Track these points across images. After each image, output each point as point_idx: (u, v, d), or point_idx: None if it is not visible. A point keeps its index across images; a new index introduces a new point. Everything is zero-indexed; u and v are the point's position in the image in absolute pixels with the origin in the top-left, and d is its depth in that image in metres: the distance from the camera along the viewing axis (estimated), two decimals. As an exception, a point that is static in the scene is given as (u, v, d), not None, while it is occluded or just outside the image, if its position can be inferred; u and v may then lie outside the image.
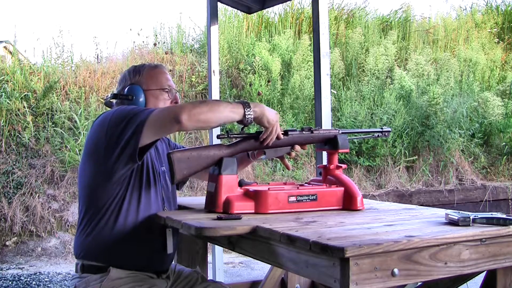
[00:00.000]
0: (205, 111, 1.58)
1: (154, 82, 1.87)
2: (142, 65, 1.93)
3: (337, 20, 8.47)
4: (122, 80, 1.91)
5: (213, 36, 3.14)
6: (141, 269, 1.73)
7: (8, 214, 5.06)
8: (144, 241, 1.72)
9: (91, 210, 1.71)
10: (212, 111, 1.60)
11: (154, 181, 1.79)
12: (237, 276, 4.49)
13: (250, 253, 1.53)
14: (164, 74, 1.91)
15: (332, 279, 1.18)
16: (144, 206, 1.73)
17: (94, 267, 1.69)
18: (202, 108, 1.58)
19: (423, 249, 1.25)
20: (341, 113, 6.68)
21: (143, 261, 1.73)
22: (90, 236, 1.70)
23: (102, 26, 17.09)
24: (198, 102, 1.64)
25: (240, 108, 1.65)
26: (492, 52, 8.51)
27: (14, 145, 5.64)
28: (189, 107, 1.58)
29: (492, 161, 6.97)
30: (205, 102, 1.64)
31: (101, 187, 1.69)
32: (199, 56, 7.47)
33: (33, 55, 11.69)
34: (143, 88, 1.85)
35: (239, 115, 1.65)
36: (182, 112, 1.56)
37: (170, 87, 1.89)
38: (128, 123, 1.62)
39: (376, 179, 6.37)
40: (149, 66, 1.91)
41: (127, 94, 1.84)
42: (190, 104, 1.60)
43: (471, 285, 1.78)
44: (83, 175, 1.75)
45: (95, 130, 1.73)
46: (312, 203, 1.75)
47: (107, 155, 1.66)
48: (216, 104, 1.63)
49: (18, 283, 4.23)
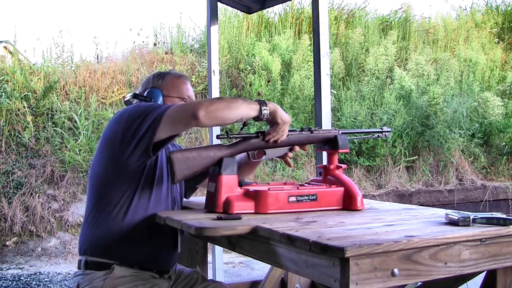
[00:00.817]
0: (222, 108, 1.61)
1: (175, 90, 1.92)
2: (168, 72, 1.98)
3: (337, 20, 8.47)
4: (146, 83, 1.96)
5: (213, 36, 3.14)
6: (146, 268, 1.73)
7: (8, 214, 5.06)
8: (152, 239, 1.73)
9: (100, 203, 1.71)
10: (229, 107, 1.62)
11: (167, 179, 1.80)
12: (237, 276, 4.49)
13: (250, 253, 1.53)
14: (186, 84, 1.95)
15: (332, 279, 1.18)
16: (154, 203, 1.74)
17: (98, 264, 1.68)
18: (219, 105, 1.61)
19: (423, 249, 1.25)
20: (341, 113, 6.68)
21: (149, 259, 1.73)
22: (97, 230, 1.70)
23: (102, 26, 17.10)
24: (215, 99, 1.67)
25: (256, 104, 1.68)
26: (492, 52, 8.51)
27: (14, 145, 5.64)
28: (206, 103, 1.60)
29: (492, 161, 6.97)
30: (221, 99, 1.66)
31: (113, 180, 1.70)
32: (199, 56, 7.47)
33: (33, 55, 11.72)
34: (163, 93, 1.89)
35: (256, 111, 1.67)
36: (200, 108, 1.58)
37: (189, 97, 1.93)
38: (146, 117, 1.65)
39: (376, 179, 6.37)
40: (174, 75, 1.96)
41: (146, 95, 1.88)
42: (207, 100, 1.63)
43: (471, 285, 1.78)
44: (96, 168, 1.76)
45: (111, 125, 1.75)
46: (312, 203, 1.75)
47: (122, 148, 1.67)
48: (233, 101, 1.65)
49: (18, 283, 4.23)
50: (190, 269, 1.96)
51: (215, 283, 1.89)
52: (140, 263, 1.71)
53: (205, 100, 1.65)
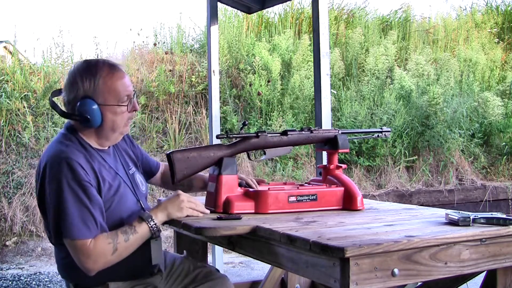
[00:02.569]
0: (115, 259, 1.55)
1: (111, 94, 1.64)
2: (96, 67, 1.66)
3: (337, 20, 8.47)
4: (72, 86, 1.65)
5: (213, 36, 3.14)
6: (135, 277, 1.70)
7: (8, 214, 5.06)
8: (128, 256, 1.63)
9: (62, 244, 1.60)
10: (121, 255, 1.56)
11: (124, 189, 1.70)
12: (237, 276, 4.49)
13: (250, 253, 1.53)
14: (122, 79, 1.67)
15: (332, 279, 1.18)
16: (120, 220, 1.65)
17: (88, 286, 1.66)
18: (113, 260, 1.55)
19: (423, 249, 1.25)
20: (341, 113, 6.68)
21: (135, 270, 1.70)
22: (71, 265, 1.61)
23: (102, 26, 17.10)
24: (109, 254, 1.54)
25: (145, 227, 1.59)
26: (492, 52, 8.50)
27: (14, 145, 5.64)
28: (100, 265, 1.53)
29: (492, 161, 6.97)
30: (114, 253, 1.54)
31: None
32: (199, 56, 7.47)
33: (33, 55, 11.71)
34: (99, 102, 1.63)
35: (147, 234, 1.60)
36: (93, 271, 1.54)
37: (128, 96, 1.68)
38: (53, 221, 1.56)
39: (376, 179, 6.37)
40: (105, 72, 1.65)
41: (79, 113, 1.63)
42: (102, 260, 1.53)
43: (471, 285, 1.78)
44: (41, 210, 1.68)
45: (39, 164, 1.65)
46: (312, 203, 1.75)
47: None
48: (123, 248, 1.56)
49: (18, 283, 4.22)
50: (180, 256, 1.93)
51: (205, 267, 1.86)
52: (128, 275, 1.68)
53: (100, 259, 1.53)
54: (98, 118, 1.63)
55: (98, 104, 1.63)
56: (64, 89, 1.70)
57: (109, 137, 1.70)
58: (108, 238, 1.55)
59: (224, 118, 6.32)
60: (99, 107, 1.63)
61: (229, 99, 6.64)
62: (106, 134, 1.69)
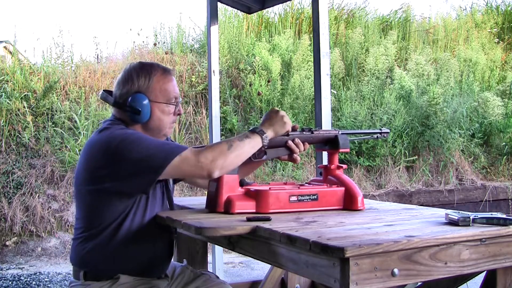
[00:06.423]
0: (233, 158, 1.63)
1: (162, 93, 1.74)
2: (151, 67, 1.76)
3: (337, 20, 8.47)
4: (127, 81, 1.74)
5: (213, 36, 3.14)
6: (145, 275, 1.72)
7: (8, 214, 5.06)
8: (151, 247, 1.71)
9: (90, 227, 1.66)
10: (239, 156, 1.65)
11: (161, 187, 1.76)
12: (237, 276, 4.49)
13: (250, 253, 1.53)
14: (172, 82, 1.78)
15: (332, 279, 1.19)
16: (149, 215, 1.70)
17: (99, 275, 1.67)
18: (231, 158, 1.63)
19: (423, 249, 1.25)
20: (341, 113, 6.68)
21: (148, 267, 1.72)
22: (90, 253, 1.66)
23: (102, 26, 17.07)
24: (225, 149, 1.63)
25: (258, 137, 1.71)
26: (492, 52, 8.51)
27: (14, 145, 5.64)
28: (220, 161, 1.60)
29: (492, 161, 6.97)
30: (230, 148, 1.63)
31: (100, 209, 1.64)
32: (199, 56, 7.47)
33: (33, 55, 11.69)
34: (150, 99, 1.72)
35: (259, 144, 1.72)
36: (215, 169, 1.60)
37: (176, 98, 1.78)
38: (143, 167, 1.57)
39: (376, 179, 6.37)
40: (159, 73, 1.75)
41: (130, 105, 1.70)
42: (220, 156, 1.61)
43: (471, 285, 1.78)
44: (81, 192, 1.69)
45: (93, 153, 1.65)
46: (313, 203, 1.75)
47: (112, 185, 1.60)
48: (239, 147, 1.66)
49: (18, 283, 4.23)
50: (180, 264, 1.96)
51: (204, 274, 1.89)
52: (141, 271, 1.70)
53: (216, 154, 1.61)
54: (148, 112, 1.72)
55: (149, 100, 1.72)
56: (116, 85, 1.78)
57: (154, 136, 1.74)
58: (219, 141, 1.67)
59: (224, 118, 6.32)
60: (150, 103, 1.72)
61: (229, 99, 6.64)
62: (152, 132, 1.74)
